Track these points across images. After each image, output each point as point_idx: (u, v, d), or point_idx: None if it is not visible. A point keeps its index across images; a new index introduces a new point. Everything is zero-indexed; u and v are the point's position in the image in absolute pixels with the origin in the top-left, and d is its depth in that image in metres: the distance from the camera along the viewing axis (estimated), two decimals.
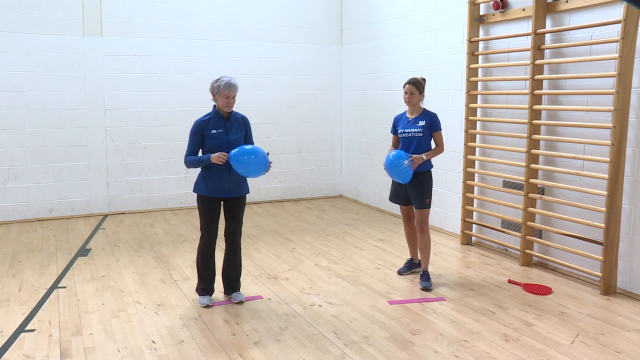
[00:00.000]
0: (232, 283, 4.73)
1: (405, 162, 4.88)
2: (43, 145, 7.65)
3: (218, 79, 4.42)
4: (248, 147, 4.44)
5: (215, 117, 4.47)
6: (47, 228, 7.28)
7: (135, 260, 5.87)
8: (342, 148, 9.49)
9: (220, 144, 4.42)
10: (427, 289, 4.96)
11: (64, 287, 5.03)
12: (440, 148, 5.06)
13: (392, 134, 5.30)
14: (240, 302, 4.65)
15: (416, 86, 4.98)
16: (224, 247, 4.74)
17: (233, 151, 4.37)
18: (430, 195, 5.07)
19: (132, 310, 4.52)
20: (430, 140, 5.06)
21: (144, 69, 8.07)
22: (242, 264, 5.67)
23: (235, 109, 4.71)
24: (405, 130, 5.06)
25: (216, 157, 4.33)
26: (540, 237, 5.64)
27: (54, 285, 5.08)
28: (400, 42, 7.70)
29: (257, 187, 8.90)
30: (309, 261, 5.85)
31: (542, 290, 4.88)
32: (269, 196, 9.08)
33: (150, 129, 8.19)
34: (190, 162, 4.44)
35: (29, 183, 7.63)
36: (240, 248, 4.71)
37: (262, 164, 4.44)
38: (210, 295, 4.67)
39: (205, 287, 4.65)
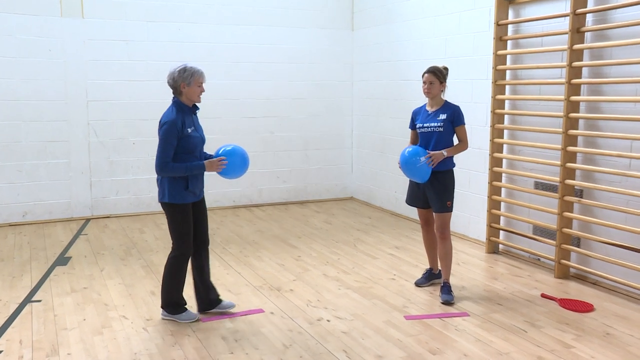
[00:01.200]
0: (215, 293, 4.74)
1: (422, 158, 4.88)
2: (16, 140, 7.65)
3: (184, 67, 4.36)
4: (230, 147, 4.53)
5: (185, 113, 4.39)
6: (19, 234, 7.27)
7: (122, 270, 5.85)
8: (353, 145, 9.46)
9: (197, 144, 4.42)
10: (448, 302, 4.92)
11: (39, 301, 5.00)
12: (463, 144, 5.05)
13: (410, 129, 5.28)
14: (233, 307, 4.75)
15: (436, 75, 4.98)
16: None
17: (225, 151, 4.46)
18: (452, 197, 5.05)
19: (117, 326, 4.49)
20: (452, 135, 5.05)
21: (132, 56, 8.05)
22: (242, 274, 5.71)
23: (234, 100, 4.70)
24: (424, 125, 5.06)
25: (216, 165, 4.35)
26: (579, 246, 5.58)
27: (27, 299, 5.05)
28: (419, 26, 7.66)
29: (259, 188, 8.89)
30: (316, 271, 5.82)
31: (581, 307, 4.83)
32: (271, 198, 9.06)
33: (138, 123, 8.18)
34: (174, 169, 4.27)
35: None
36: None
37: (247, 162, 4.57)
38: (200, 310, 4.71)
39: (184, 302, 4.62)
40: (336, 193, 9.49)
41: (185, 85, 4.36)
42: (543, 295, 5.10)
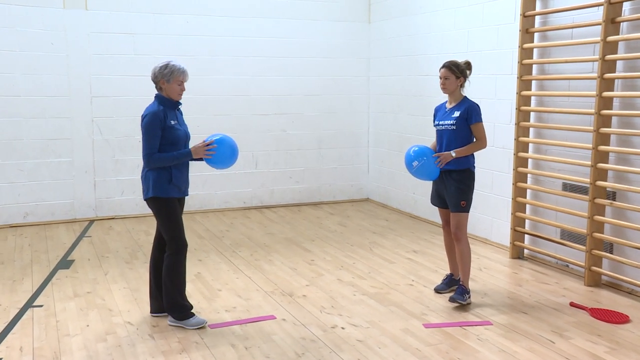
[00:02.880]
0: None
1: (415, 162, 4.99)
2: (17, 138, 7.69)
3: (167, 64, 4.47)
4: (219, 136, 4.61)
5: (167, 107, 4.51)
6: (20, 236, 7.31)
7: (127, 274, 5.86)
8: (369, 143, 9.44)
9: (181, 136, 4.54)
10: (454, 301, 4.96)
11: (40, 306, 5.02)
12: (479, 143, 5.03)
13: (434, 127, 5.29)
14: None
15: (451, 70, 5.00)
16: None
17: (217, 140, 4.55)
18: (468, 198, 5.04)
19: (122, 332, 4.49)
20: (469, 134, 5.03)
21: (137, 50, 8.08)
22: (252, 279, 5.71)
23: (244, 96, 4.75)
24: (440, 123, 5.11)
25: (202, 150, 4.46)
26: (611, 252, 5.52)
27: (28, 304, 5.06)
28: (439, 18, 7.63)
29: (270, 188, 8.89)
30: (330, 275, 5.81)
31: (615, 318, 4.76)
32: (283, 199, 9.05)
33: None
34: (161, 159, 4.39)
35: None
36: None
37: (236, 152, 4.69)
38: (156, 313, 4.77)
39: (189, 305, 4.65)
40: (351, 194, 9.46)
41: (165, 82, 4.48)
42: (572, 304, 5.04)
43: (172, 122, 4.47)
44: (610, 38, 5.29)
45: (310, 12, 8.87)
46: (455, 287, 5.35)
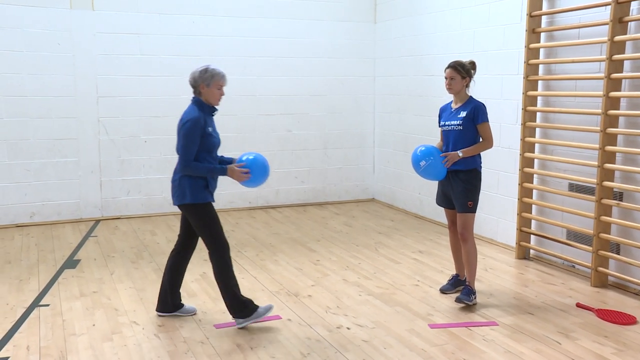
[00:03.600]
0: (180, 297, 4.82)
1: (422, 162, 4.98)
2: (23, 138, 7.71)
3: (206, 68, 4.44)
4: (252, 156, 4.62)
5: (206, 113, 4.48)
6: (27, 235, 7.33)
7: (133, 274, 5.87)
8: (375, 144, 9.43)
9: (215, 144, 4.53)
10: (460, 301, 4.96)
11: (47, 306, 5.03)
12: (485, 143, 5.03)
13: (439, 127, 5.29)
14: (195, 314, 4.80)
15: (457, 70, 5.00)
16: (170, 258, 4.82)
17: (250, 160, 4.56)
18: (475, 198, 5.04)
19: (128, 332, 4.50)
20: (475, 134, 5.03)
21: (144, 50, 8.09)
22: (257, 279, 5.71)
23: (250, 96, 4.77)
24: (446, 123, 5.11)
25: (238, 174, 4.44)
26: (618, 253, 5.50)
27: (35, 304, 5.08)
28: (445, 18, 7.62)
29: (276, 189, 8.89)
30: (336, 276, 5.81)
31: (622, 319, 4.74)
32: (289, 199, 9.06)
33: (151, 120, 8.22)
34: (197, 169, 4.37)
35: (6, 182, 7.69)
36: None
37: (267, 173, 4.71)
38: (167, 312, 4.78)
39: (249, 300, 4.60)
40: (357, 194, 9.46)
41: (205, 86, 4.44)
42: (578, 305, 5.02)
43: (210, 129, 4.44)
44: (618, 38, 5.27)
45: (315, 12, 8.87)
46: (460, 287, 5.34)
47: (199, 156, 4.39)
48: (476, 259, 5.13)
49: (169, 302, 4.73)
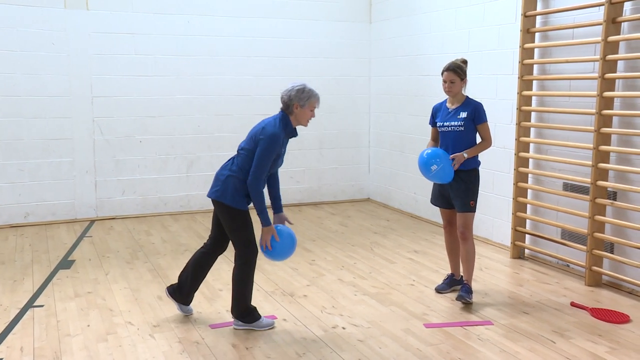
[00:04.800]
0: (191, 297, 4.82)
1: (434, 167, 4.91)
2: (18, 138, 7.69)
3: (304, 88, 4.37)
4: (289, 239, 4.66)
5: (287, 133, 4.42)
6: (21, 236, 7.31)
7: (128, 274, 5.86)
8: (370, 144, 9.44)
9: (278, 164, 4.51)
10: (462, 299, 4.97)
11: (41, 306, 5.02)
12: (486, 143, 5.05)
13: (430, 126, 5.28)
14: (190, 314, 4.80)
15: (457, 73, 4.97)
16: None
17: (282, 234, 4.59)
18: (475, 197, 5.07)
19: (122, 332, 4.49)
20: (475, 134, 5.06)
21: (139, 50, 8.08)
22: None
23: (246, 96, 4.76)
24: (445, 124, 5.07)
25: (266, 237, 4.46)
26: (612, 252, 5.52)
27: (29, 304, 5.07)
28: (440, 18, 7.63)
29: None
30: (331, 276, 5.81)
31: (616, 318, 4.75)
32: (284, 199, 8.91)
33: (145, 120, 8.20)
34: (256, 192, 4.33)
35: (0, 183, 7.68)
36: None
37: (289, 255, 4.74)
38: (183, 304, 4.77)
39: (254, 307, 4.61)
40: (352, 194, 9.46)
41: (299, 106, 4.37)
42: (573, 304, 5.04)
43: (282, 150, 4.43)
44: (611, 38, 5.29)
45: (311, 13, 8.86)
46: (456, 286, 5.36)
47: None
48: (474, 258, 5.15)
49: (184, 292, 4.70)
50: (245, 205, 4.43)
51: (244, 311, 4.53)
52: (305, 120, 4.43)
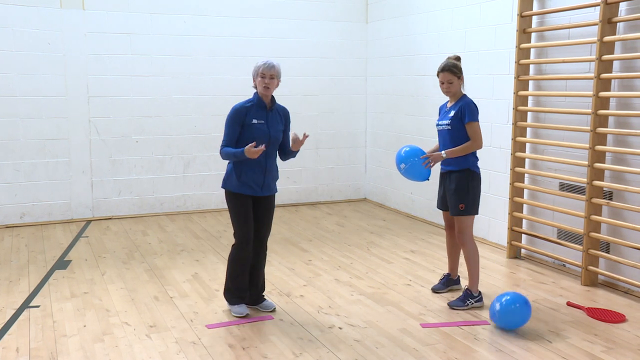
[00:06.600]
0: (261, 291, 4.96)
1: (402, 165, 4.94)
2: (14, 138, 7.67)
3: (257, 63, 4.74)
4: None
5: (256, 105, 4.71)
6: (17, 236, 7.30)
7: (124, 274, 5.86)
8: (367, 144, 9.44)
9: (260, 136, 4.63)
10: (453, 308, 4.92)
11: (37, 307, 5.01)
12: (473, 143, 4.83)
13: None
14: (273, 311, 4.87)
15: (453, 72, 4.85)
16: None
17: None
18: (467, 200, 4.88)
19: (119, 333, 4.49)
20: (465, 133, 4.87)
21: (135, 50, 8.07)
22: None
23: (243, 96, 4.86)
24: (439, 123, 5.05)
25: (251, 152, 4.45)
26: (608, 252, 5.53)
27: (25, 305, 5.06)
28: (436, 18, 7.64)
29: None
30: (328, 275, 5.81)
31: (611, 317, 4.77)
32: (281, 199, 9.01)
33: (142, 120, 8.19)
34: (226, 154, 4.61)
35: None
36: (266, 253, 5.00)
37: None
38: (246, 305, 4.84)
39: (240, 294, 4.80)
40: (349, 194, 9.46)
41: (255, 79, 4.76)
42: (569, 304, 5.05)
43: (254, 121, 4.64)
44: (607, 38, 5.30)
45: (307, 12, 8.86)
46: (453, 286, 5.35)
47: (241, 146, 4.56)
48: (477, 262, 4.98)
49: (251, 294, 4.90)
50: (237, 188, 4.64)
51: (226, 291, 4.84)
52: (260, 86, 4.71)
